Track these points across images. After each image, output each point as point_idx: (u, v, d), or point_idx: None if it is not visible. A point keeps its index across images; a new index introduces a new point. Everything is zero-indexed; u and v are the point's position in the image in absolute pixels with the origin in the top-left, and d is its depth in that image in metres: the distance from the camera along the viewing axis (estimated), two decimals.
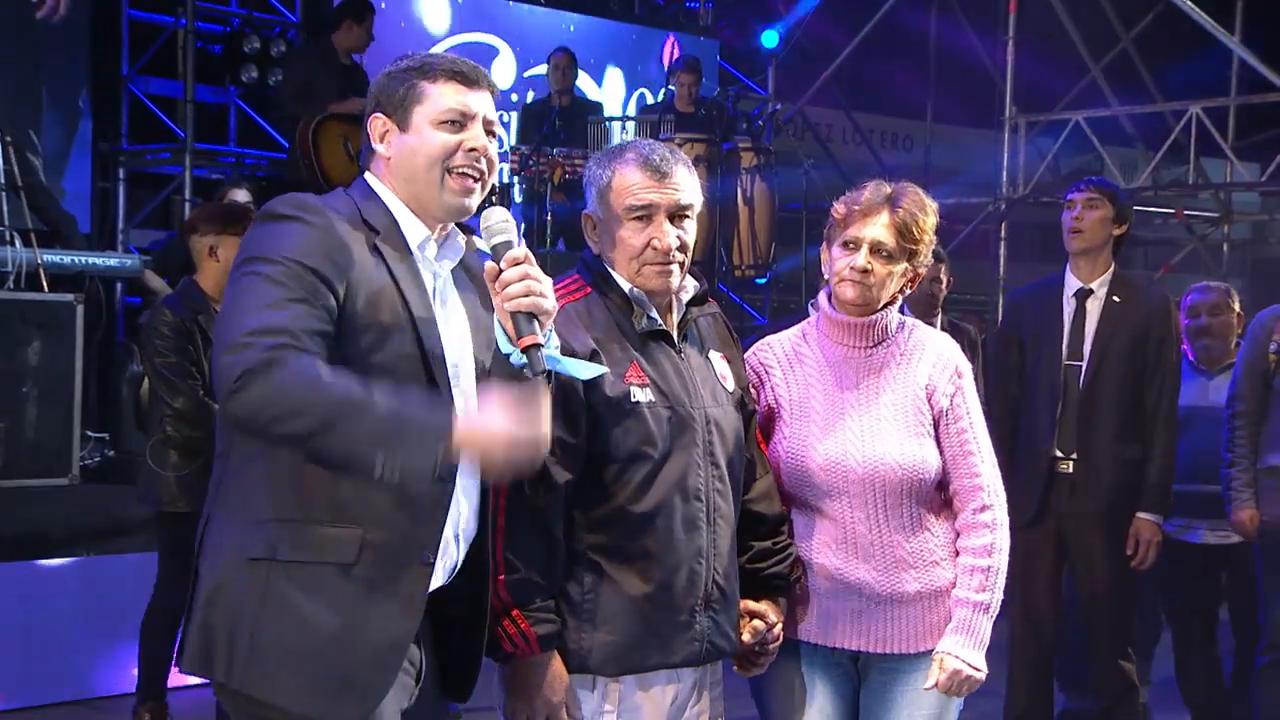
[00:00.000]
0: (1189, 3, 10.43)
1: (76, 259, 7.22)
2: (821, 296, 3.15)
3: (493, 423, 2.26)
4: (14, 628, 5.59)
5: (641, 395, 2.76)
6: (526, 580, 2.70)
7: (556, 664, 2.73)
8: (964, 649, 2.99)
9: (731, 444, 2.89)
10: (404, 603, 2.39)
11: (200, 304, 4.92)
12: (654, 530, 2.76)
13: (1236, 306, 5.35)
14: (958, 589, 3.03)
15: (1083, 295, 4.83)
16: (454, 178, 2.47)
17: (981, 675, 3.01)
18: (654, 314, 2.84)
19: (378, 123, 2.51)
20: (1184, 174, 11.43)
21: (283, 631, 2.32)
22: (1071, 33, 12.23)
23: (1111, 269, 4.83)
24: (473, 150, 2.47)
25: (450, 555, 2.51)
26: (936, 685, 2.99)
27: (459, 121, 2.47)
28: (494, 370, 2.51)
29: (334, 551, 2.33)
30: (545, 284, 2.41)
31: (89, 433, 6.71)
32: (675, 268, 2.81)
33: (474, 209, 2.52)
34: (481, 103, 2.50)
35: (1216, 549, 5.26)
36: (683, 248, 2.81)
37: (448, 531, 2.48)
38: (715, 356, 2.95)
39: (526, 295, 2.38)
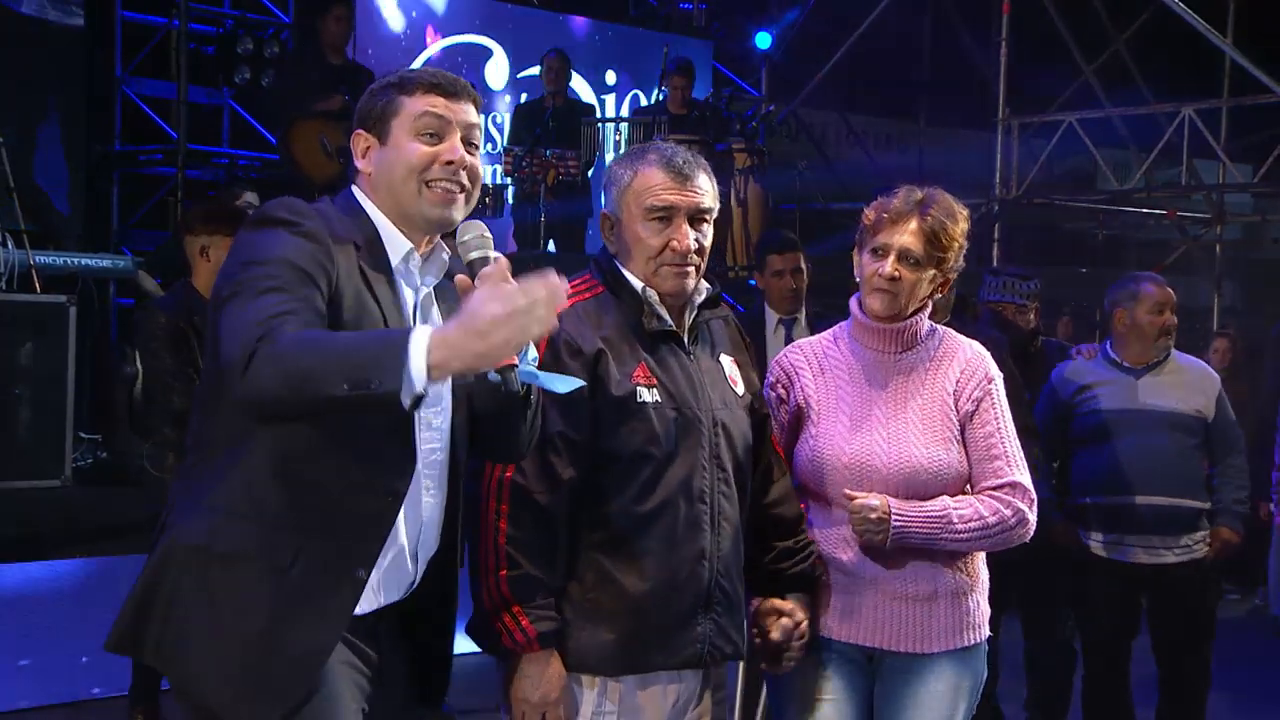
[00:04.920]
0: (1181, 4, 10.45)
1: (69, 260, 7.21)
2: (853, 302, 3.17)
3: (467, 321, 2.13)
4: (7, 630, 5.58)
5: (648, 395, 2.77)
6: (528, 576, 2.70)
7: (555, 662, 2.73)
8: (906, 510, 2.97)
9: (740, 447, 2.90)
10: (330, 614, 2.37)
11: (195, 305, 4.91)
12: (656, 530, 2.77)
13: None
14: (953, 500, 3.01)
15: None
16: (431, 190, 2.46)
17: (883, 522, 2.95)
18: (664, 315, 2.84)
19: (360, 140, 2.51)
20: (1177, 175, 11.47)
21: (208, 624, 2.33)
22: (1064, 34, 12.25)
23: None
24: (450, 163, 2.45)
25: (406, 572, 2.49)
26: (851, 499, 2.97)
27: (435, 133, 2.46)
28: (475, 389, 2.51)
29: (268, 552, 2.33)
30: None
31: (82, 434, 6.70)
32: (692, 269, 2.83)
33: (457, 220, 2.48)
34: (460, 114, 2.48)
35: (1142, 569, 4.73)
36: (700, 251, 2.83)
37: (405, 548, 2.47)
38: (726, 360, 2.96)
39: None
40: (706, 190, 2.84)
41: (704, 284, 2.91)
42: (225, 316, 2.26)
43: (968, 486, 3.08)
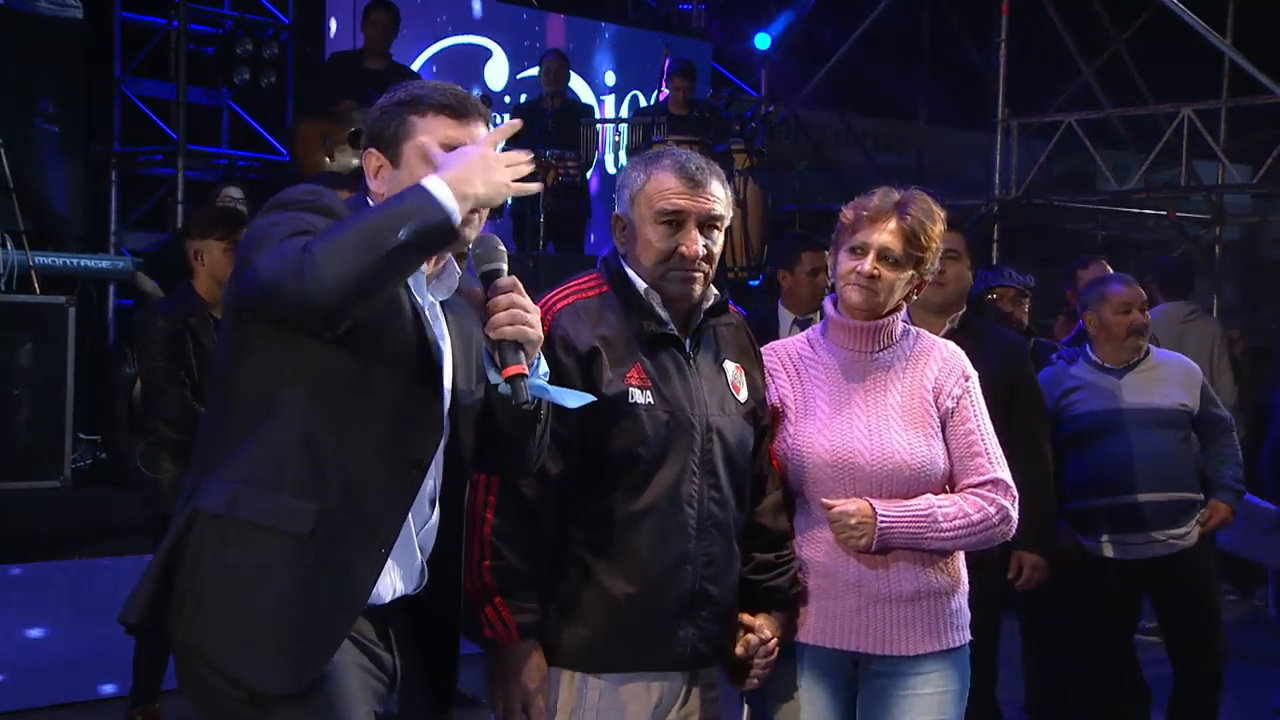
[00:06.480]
0: (1181, 5, 10.45)
1: (69, 261, 7.21)
2: (827, 303, 3.17)
3: (460, 156, 2.33)
4: (6, 631, 5.59)
5: (640, 397, 2.78)
6: (511, 568, 2.72)
7: (536, 654, 2.75)
8: (890, 510, 2.96)
9: (736, 454, 2.90)
10: (351, 586, 2.37)
11: (195, 307, 4.92)
12: (641, 532, 2.78)
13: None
14: (937, 498, 3.01)
15: None
16: None
17: (863, 525, 2.94)
18: (665, 317, 2.85)
19: (372, 158, 2.50)
20: (1176, 176, 11.45)
21: (228, 591, 2.31)
22: (1064, 35, 12.25)
23: None
24: None
25: (415, 559, 2.50)
26: (831, 509, 2.96)
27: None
28: (489, 398, 2.51)
29: (290, 520, 2.32)
30: (533, 313, 2.41)
31: (81, 435, 6.70)
32: (700, 275, 2.85)
33: (470, 241, 2.46)
34: (471, 136, 2.47)
35: (1143, 565, 4.76)
36: (709, 257, 2.85)
37: (413, 532, 2.47)
38: (730, 366, 2.96)
39: (512, 324, 2.38)
40: (719, 198, 2.86)
41: (712, 290, 2.92)
42: (252, 267, 2.26)
43: (946, 486, 3.07)
